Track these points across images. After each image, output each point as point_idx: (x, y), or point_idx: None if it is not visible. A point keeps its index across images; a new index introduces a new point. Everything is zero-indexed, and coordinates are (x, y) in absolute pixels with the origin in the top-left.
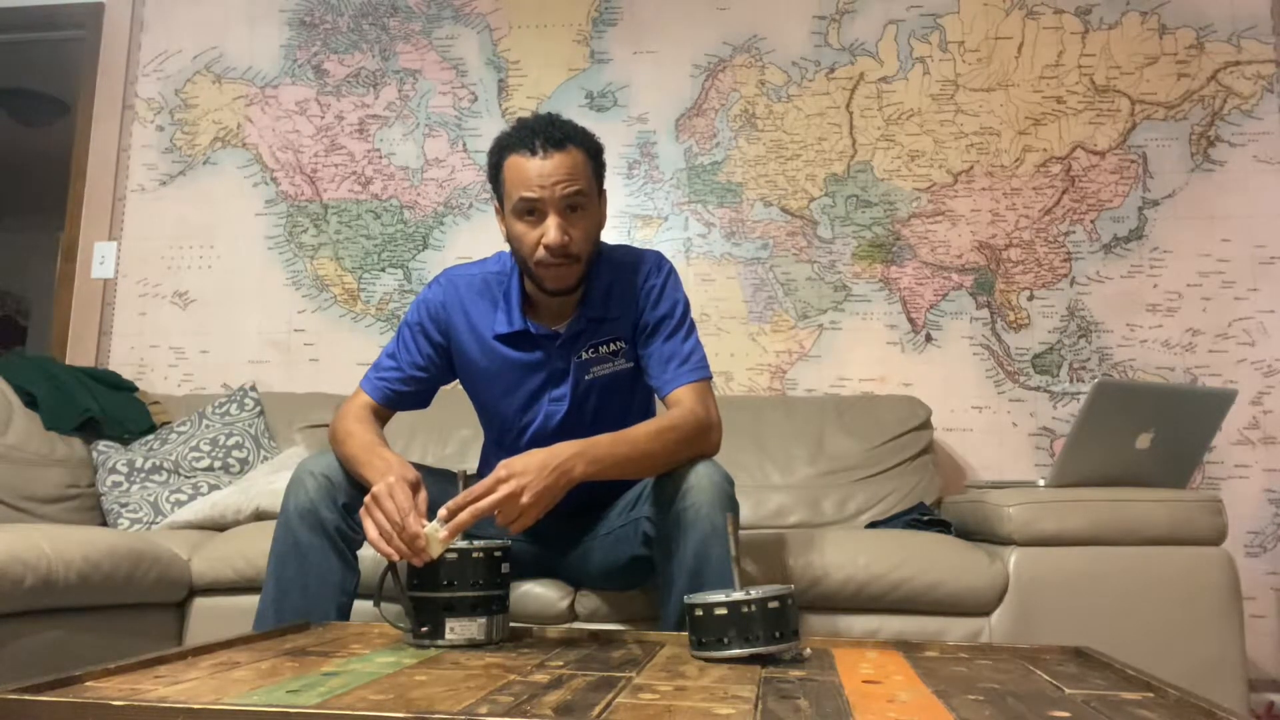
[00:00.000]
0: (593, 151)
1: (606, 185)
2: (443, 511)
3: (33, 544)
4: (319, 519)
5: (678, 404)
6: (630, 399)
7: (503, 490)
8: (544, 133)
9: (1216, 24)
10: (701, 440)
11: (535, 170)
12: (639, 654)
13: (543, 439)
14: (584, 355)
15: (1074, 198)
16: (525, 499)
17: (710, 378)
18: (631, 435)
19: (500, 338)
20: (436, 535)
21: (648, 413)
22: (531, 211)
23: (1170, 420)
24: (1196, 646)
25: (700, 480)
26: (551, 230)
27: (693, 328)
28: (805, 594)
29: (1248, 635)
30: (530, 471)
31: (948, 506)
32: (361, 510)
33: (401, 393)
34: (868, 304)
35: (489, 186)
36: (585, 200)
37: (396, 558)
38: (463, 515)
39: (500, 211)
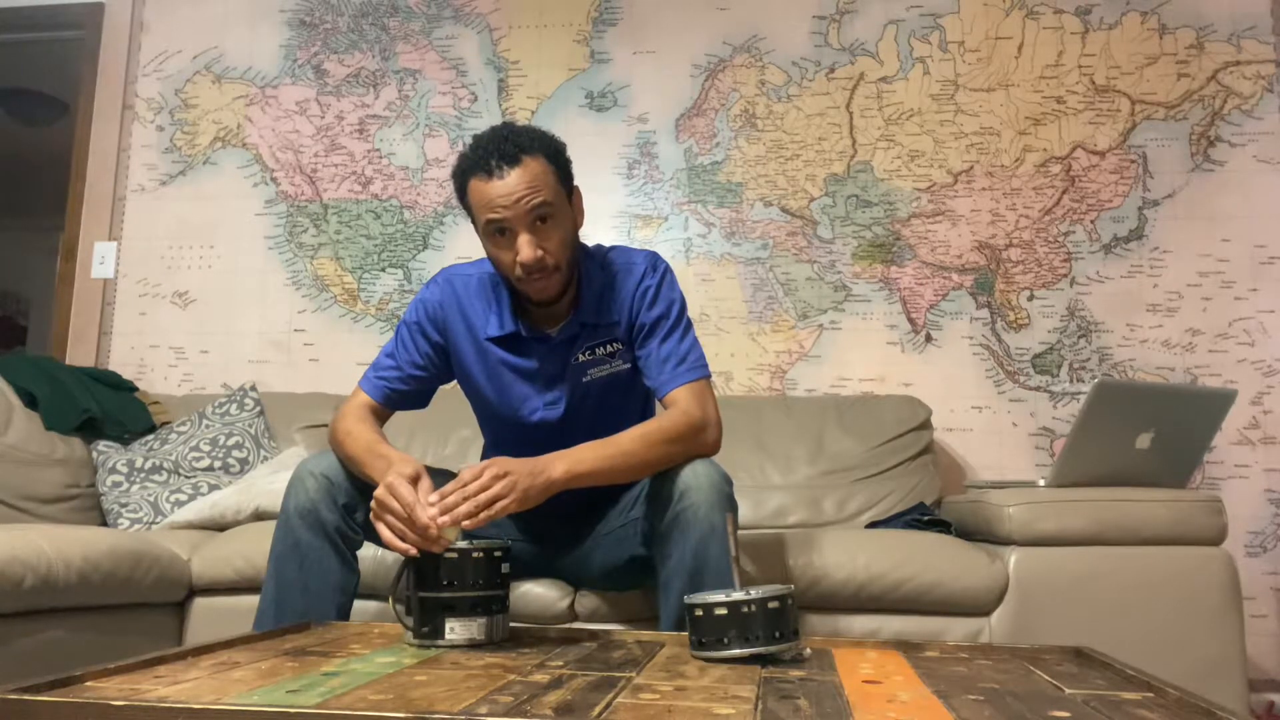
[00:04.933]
0: (552, 154)
1: (605, 185)
2: (433, 497)
3: (33, 544)
4: (319, 519)
5: (674, 404)
6: (628, 401)
7: (489, 474)
8: (497, 150)
9: (1216, 24)
10: (696, 440)
11: (497, 191)
12: (639, 654)
13: (539, 441)
14: (581, 357)
15: (1074, 198)
16: (510, 495)
17: (709, 376)
18: (615, 439)
19: (493, 340)
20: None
21: (647, 415)
22: (502, 231)
23: (1170, 420)
24: (1196, 646)
25: (698, 480)
26: (524, 248)
27: (690, 327)
28: (805, 594)
29: (1248, 635)
30: (517, 469)
31: (948, 506)
32: (371, 517)
33: (401, 392)
34: (868, 304)
35: None
36: (553, 209)
37: (415, 552)
38: (464, 507)
39: (477, 230)
